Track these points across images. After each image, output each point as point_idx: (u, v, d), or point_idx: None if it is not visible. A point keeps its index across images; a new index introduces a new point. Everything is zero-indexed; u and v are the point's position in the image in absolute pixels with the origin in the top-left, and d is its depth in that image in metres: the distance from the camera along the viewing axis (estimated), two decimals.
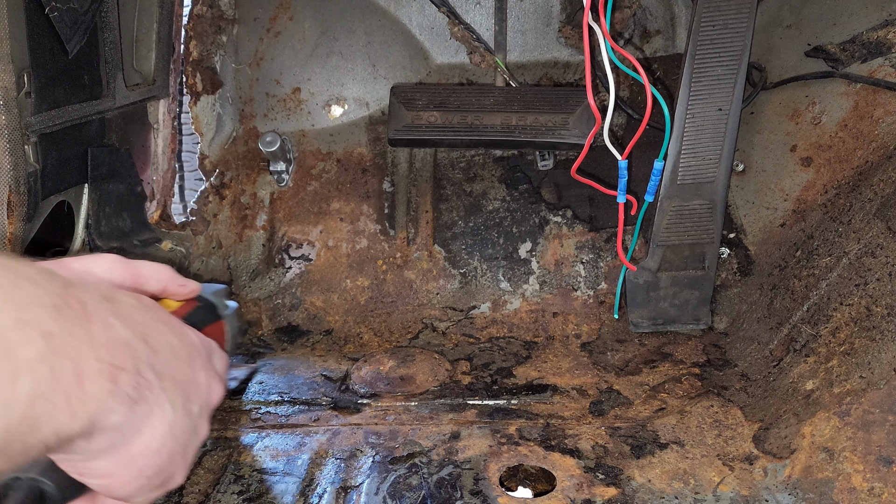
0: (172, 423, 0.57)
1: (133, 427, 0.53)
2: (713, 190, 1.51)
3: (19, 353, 0.42)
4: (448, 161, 1.86)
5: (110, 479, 0.55)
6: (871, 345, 1.16)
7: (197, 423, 0.63)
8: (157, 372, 0.55)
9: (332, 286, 1.79)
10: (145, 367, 0.53)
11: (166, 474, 0.60)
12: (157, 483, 0.60)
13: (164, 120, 1.73)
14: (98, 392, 0.48)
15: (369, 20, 1.81)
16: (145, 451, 0.55)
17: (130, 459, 0.54)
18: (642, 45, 1.81)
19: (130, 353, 0.52)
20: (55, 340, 0.45)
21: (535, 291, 1.76)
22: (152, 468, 0.57)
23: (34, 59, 1.16)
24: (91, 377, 0.47)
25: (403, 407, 1.39)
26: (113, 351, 0.50)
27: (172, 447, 0.58)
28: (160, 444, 0.56)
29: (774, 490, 1.10)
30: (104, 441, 0.51)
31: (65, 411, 0.45)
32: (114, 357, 0.49)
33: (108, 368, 0.49)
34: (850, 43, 1.52)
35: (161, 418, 0.56)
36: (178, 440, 0.59)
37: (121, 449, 0.53)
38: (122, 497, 0.58)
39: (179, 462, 0.61)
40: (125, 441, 0.53)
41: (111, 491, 0.57)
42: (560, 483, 1.14)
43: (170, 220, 1.77)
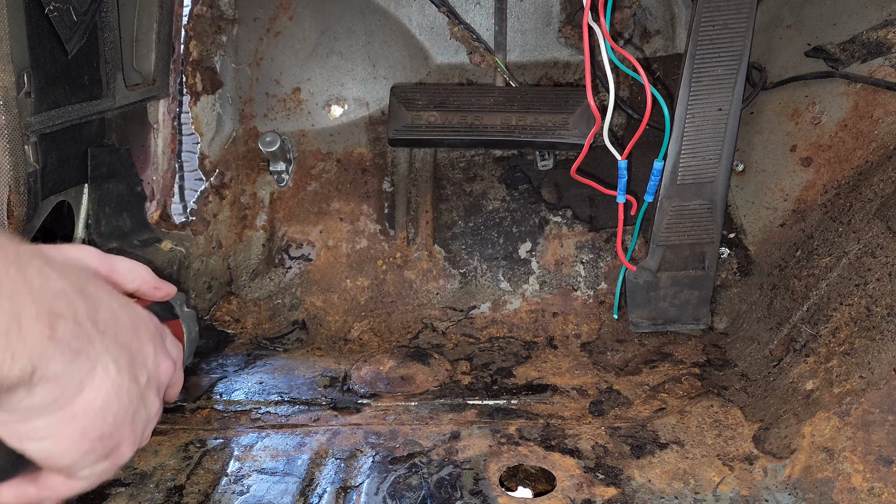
0: (118, 385, 0.55)
1: (74, 381, 0.51)
2: (713, 190, 1.51)
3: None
4: (448, 161, 1.86)
5: (52, 442, 0.53)
6: (871, 345, 1.16)
7: (145, 393, 0.61)
8: (99, 328, 0.54)
9: (332, 286, 1.79)
10: (85, 320, 0.52)
11: (111, 442, 0.57)
12: (102, 450, 0.57)
13: (164, 120, 1.73)
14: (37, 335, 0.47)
15: (369, 20, 1.81)
16: (88, 409, 0.53)
17: (72, 418, 0.52)
18: (642, 45, 1.81)
19: (68, 302, 0.50)
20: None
21: (535, 291, 1.76)
22: (96, 430, 0.55)
23: (34, 59, 1.16)
24: (29, 319, 0.46)
25: (403, 407, 1.39)
26: (50, 298, 0.48)
27: (117, 411, 0.56)
28: (104, 405, 0.54)
29: (774, 490, 1.10)
30: (45, 394, 0.49)
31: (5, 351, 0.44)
32: (51, 304, 0.48)
33: (45, 314, 0.47)
34: (850, 43, 1.52)
35: (104, 377, 0.54)
36: (123, 405, 0.57)
37: (62, 406, 0.51)
38: (65, 465, 0.56)
39: (126, 431, 0.59)
40: (67, 397, 0.51)
41: (53, 457, 0.54)
42: (560, 483, 1.14)
43: (170, 220, 1.77)
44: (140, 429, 0.61)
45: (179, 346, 0.73)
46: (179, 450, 1.24)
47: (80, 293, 0.52)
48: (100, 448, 0.56)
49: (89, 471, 0.58)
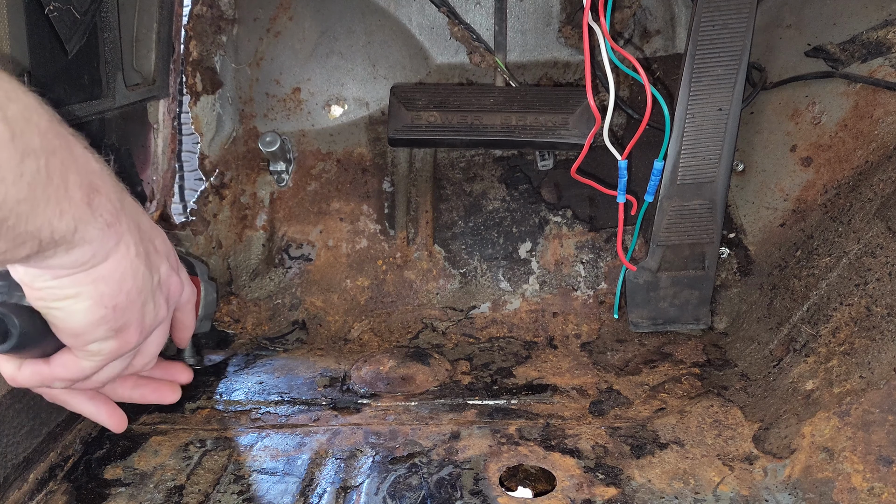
0: (135, 265, 0.62)
1: (102, 249, 0.58)
2: (713, 190, 1.51)
3: (26, 139, 0.47)
4: (448, 161, 1.86)
5: (74, 300, 0.59)
6: (871, 345, 1.16)
7: (156, 291, 0.67)
8: (126, 211, 0.61)
9: (332, 286, 1.79)
10: (115, 200, 0.59)
11: (122, 318, 0.63)
12: (113, 323, 0.63)
13: (164, 120, 1.73)
14: (80, 200, 0.53)
15: (369, 20, 1.81)
16: (109, 276, 0.60)
17: (95, 280, 0.59)
18: (642, 45, 1.81)
19: (104, 181, 0.57)
20: (49, 142, 0.50)
21: (535, 291, 1.76)
22: (111, 299, 0.61)
23: (34, 59, 1.16)
24: (74, 185, 0.52)
25: (403, 407, 1.39)
26: (90, 173, 0.55)
27: (131, 288, 0.63)
28: (122, 277, 0.61)
29: (774, 490, 1.10)
30: (78, 255, 0.56)
31: (56, 206, 0.51)
32: (91, 178, 0.55)
33: (86, 184, 0.54)
34: (850, 43, 1.51)
35: (125, 253, 0.61)
36: (137, 286, 0.63)
37: (89, 269, 0.58)
38: (79, 328, 0.62)
39: (135, 314, 0.65)
40: (94, 262, 0.58)
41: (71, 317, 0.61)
42: (560, 483, 1.14)
43: (169, 220, 1.77)
44: (148, 321, 0.67)
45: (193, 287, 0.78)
46: (179, 450, 1.24)
47: (111, 178, 0.60)
48: (111, 319, 0.62)
49: (98, 346, 0.64)
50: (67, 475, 1.19)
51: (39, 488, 1.14)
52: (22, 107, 0.48)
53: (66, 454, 1.22)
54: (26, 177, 0.47)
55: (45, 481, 1.15)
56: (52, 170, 0.50)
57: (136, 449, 1.24)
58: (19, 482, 1.10)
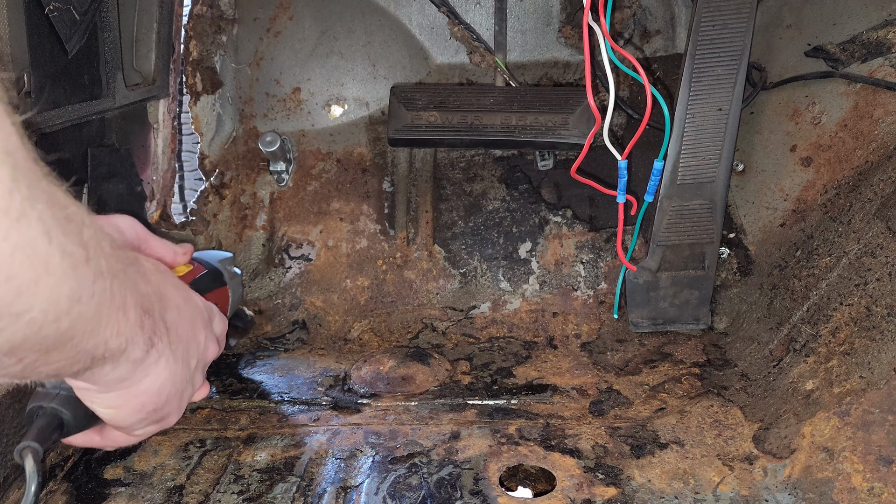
0: (173, 372, 0.69)
1: (143, 367, 0.64)
2: (713, 190, 1.51)
3: (96, 260, 0.50)
4: (448, 161, 1.86)
5: (117, 411, 0.68)
6: (871, 345, 1.16)
7: (193, 375, 0.76)
8: (168, 325, 0.67)
9: (332, 286, 1.79)
10: (159, 319, 0.65)
11: (163, 413, 0.72)
12: (154, 419, 0.72)
13: (164, 120, 1.73)
14: (133, 321, 0.58)
15: (369, 20, 1.81)
16: (148, 390, 0.67)
17: (135, 395, 0.66)
18: (642, 45, 1.81)
19: (152, 303, 0.63)
20: (113, 265, 0.54)
21: (535, 291, 1.76)
22: (152, 405, 0.69)
23: (34, 59, 1.16)
24: (131, 307, 0.57)
25: (403, 407, 1.39)
26: (142, 297, 0.60)
27: (170, 391, 0.70)
28: (161, 388, 0.68)
29: (774, 490, 1.10)
30: (122, 372, 0.61)
31: (114, 327, 0.55)
32: (143, 302, 0.60)
33: (139, 307, 0.59)
34: (850, 43, 1.51)
35: (165, 366, 0.67)
36: (175, 387, 0.71)
37: (130, 386, 0.65)
38: (124, 426, 0.71)
39: (175, 405, 0.74)
40: (136, 378, 0.64)
41: (116, 420, 0.69)
42: (560, 483, 1.14)
43: (170, 220, 1.77)
44: (186, 400, 0.77)
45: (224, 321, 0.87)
46: (179, 450, 1.24)
47: (158, 295, 0.66)
48: (152, 417, 0.72)
49: (142, 431, 0.74)
50: (67, 475, 1.19)
51: (40, 488, 1.14)
52: (94, 231, 0.51)
53: (66, 454, 1.22)
54: (96, 297, 0.51)
55: (45, 481, 1.15)
56: (115, 291, 0.54)
57: (135, 449, 1.24)
58: (19, 482, 1.10)
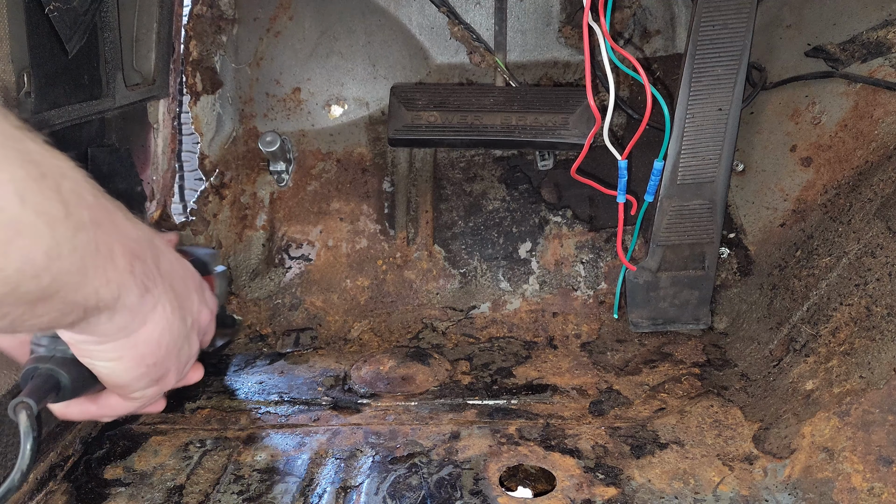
0: (170, 321, 0.67)
1: (141, 314, 0.62)
2: (713, 190, 1.51)
3: (77, 213, 0.50)
4: (448, 161, 1.86)
5: (116, 363, 0.64)
6: (871, 345, 1.16)
7: (189, 333, 0.72)
8: (161, 273, 0.65)
9: (332, 286, 1.79)
10: (152, 264, 0.63)
11: (161, 369, 0.69)
12: (154, 375, 0.68)
13: (164, 120, 1.73)
14: (123, 269, 0.57)
15: (369, 20, 1.81)
16: (148, 339, 0.64)
17: (135, 345, 0.64)
18: (642, 45, 1.81)
19: (142, 248, 0.61)
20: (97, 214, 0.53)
21: (534, 291, 1.76)
22: (152, 357, 0.66)
23: (34, 59, 1.16)
24: (119, 254, 0.56)
25: (403, 407, 1.39)
26: (131, 241, 0.59)
27: (169, 343, 0.67)
28: (160, 336, 0.66)
29: (774, 490, 1.10)
30: (120, 321, 0.59)
31: (102, 276, 0.54)
32: (132, 247, 0.59)
33: (128, 253, 0.57)
34: (850, 43, 1.51)
35: (162, 314, 0.65)
36: (173, 339, 0.68)
37: (129, 334, 0.62)
38: (123, 383, 0.67)
39: (173, 361, 0.70)
40: (134, 326, 0.62)
41: (115, 375, 0.66)
42: (560, 483, 1.14)
43: (170, 220, 1.77)
44: (183, 361, 0.73)
45: (215, 299, 0.84)
46: (179, 450, 1.24)
47: (149, 242, 0.64)
48: (152, 373, 0.68)
49: (141, 392, 0.70)
50: (67, 475, 1.19)
51: (39, 488, 1.14)
52: (73, 183, 0.51)
53: (66, 454, 1.22)
54: (79, 250, 0.50)
55: (45, 481, 1.15)
56: (100, 241, 0.53)
57: (136, 449, 1.24)
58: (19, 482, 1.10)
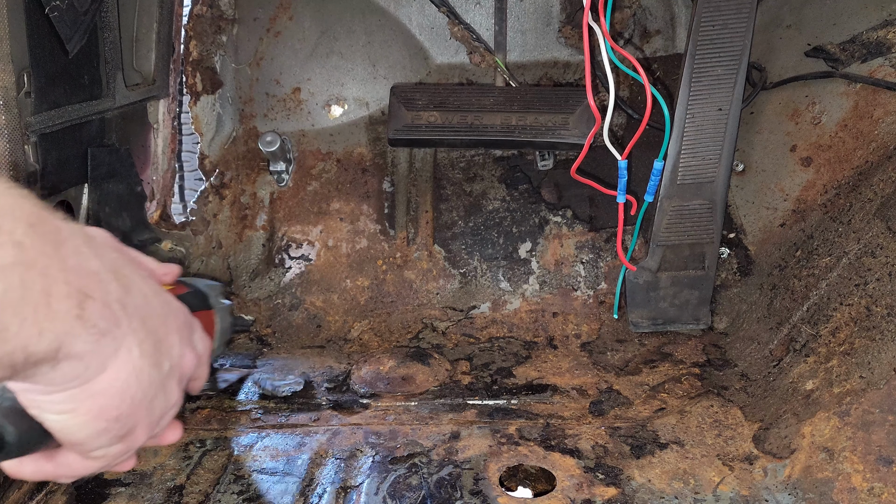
0: (139, 368, 0.56)
1: (98, 361, 0.52)
2: (713, 190, 1.51)
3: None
4: (448, 161, 1.86)
5: (70, 416, 0.54)
6: (871, 345, 1.16)
7: (166, 381, 0.61)
8: (127, 311, 0.54)
9: (332, 286, 1.79)
10: (114, 302, 0.53)
11: (128, 424, 0.58)
12: (118, 432, 0.58)
13: (164, 120, 1.73)
14: (65, 314, 0.47)
15: (369, 20, 1.81)
16: (108, 389, 0.54)
17: (91, 395, 0.53)
18: (642, 45, 1.81)
19: (100, 284, 0.51)
20: (26, 253, 0.44)
21: (535, 291, 1.76)
22: (114, 410, 0.56)
23: (34, 59, 1.16)
24: (59, 297, 0.47)
25: (403, 407, 1.39)
26: (82, 278, 0.49)
27: (136, 393, 0.57)
28: (123, 386, 0.55)
29: (774, 490, 1.10)
30: (68, 370, 0.50)
31: (32, 327, 0.45)
32: (82, 284, 0.49)
33: (75, 293, 0.48)
34: (850, 43, 1.51)
35: (126, 358, 0.55)
36: (143, 388, 0.57)
37: (83, 383, 0.52)
38: (80, 440, 0.56)
39: (143, 415, 0.59)
40: (89, 375, 0.52)
41: (68, 431, 0.55)
42: (560, 483, 1.14)
43: (170, 220, 1.77)
44: (157, 415, 0.62)
45: (207, 340, 0.73)
46: (179, 450, 1.24)
47: (113, 275, 0.54)
48: (115, 428, 0.57)
49: (103, 451, 0.58)
50: None
51: (39, 488, 1.14)
52: None
53: None
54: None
55: (45, 481, 1.15)
56: (29, 286, 0.45)
57: None
58: (19, 482, 1.10)
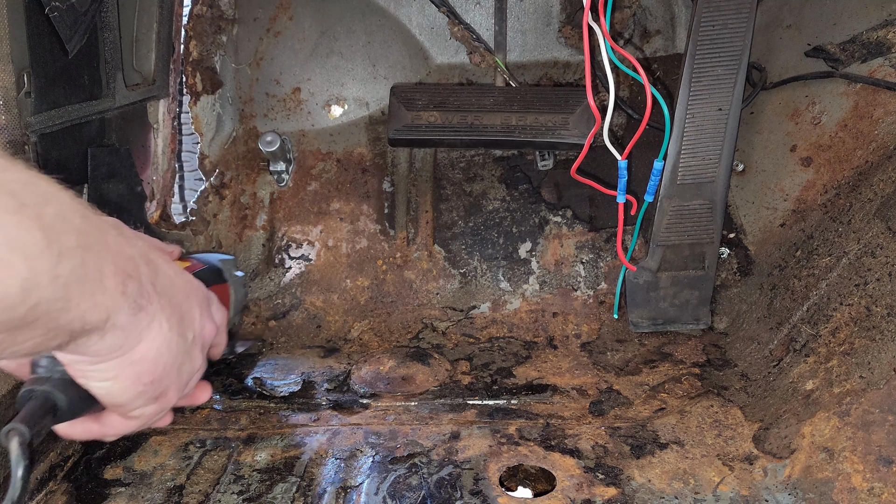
0: (168, 338, 0.65)
1: (135, 333, 0.61)
2: (713, 190, 1.51)
3: (62, 240, 0.50)
4: (448, 161, 1.86)
5: (113, 382, 0.63)
6: (871, 345, 1.16)
7: (190, 349, 0.71)
8: (157, 290, 0.63)
9: (332, 286, 1.79)
10: (147, 283, 0.62)
11: (161, 387, 0.67)
12: (153, 393, 0.67)
13: (164, 120, 1.73)
14: (113, 290, 0.56)
15: (369, 20, 1.81)
16: (144, 357, 0.63)
17: (131, 363, 0.62)
18: (642, 45, 1.81)
19: (136, 266, 0.60)
20: (85, 238, 0.53)
21: (535, 291, 1.76)
22: (149, 375, 0.65)
23: (34, 59, 1.16)
24: (109, 276, 0.55)
25: (403, 407, 1.39)
26: (123, 260, 0.58)
27: (167, 360, 0.66)
28: (157, 354, 0.64)
29: (774, 490, 1.10)
30: (112, 341, 0.59)
31: (90, 300, 0.53)
32: (125, 265, 0.58)
33: (120, 273, 0.57)
34: (850, 43, 1.51)
35: (158, 331, 0.64)
36: (172, 356, 0.67)
37: (124, 353, 0.61)
38: (121, 402, 0.65)
39: (173, 379, 0.69)
40: (128, 345, 0.61)
41: (112, 395, 0.64)
42: (560, 483, 1.14)
43: (170, 220, 1.77)
44: (185, 378, 0.72)
45: (224, 311, 0.82)
46: (179, 450, 1.24)
47: (144, 259, 0.63)
48: (150, 391, 0.66)
49: (140, 411, 0.68)
50: (67, 475, 1.19)
51: (39, 488, 1.14)
52: (58, 208, 0.51)
53: (66, 454, 1.22)
54: (62, 278, 0.50)
55: (46, 481, 1.15)
56: (88, 265, 0.53)
57: (135, 449, 1.24)
58: None
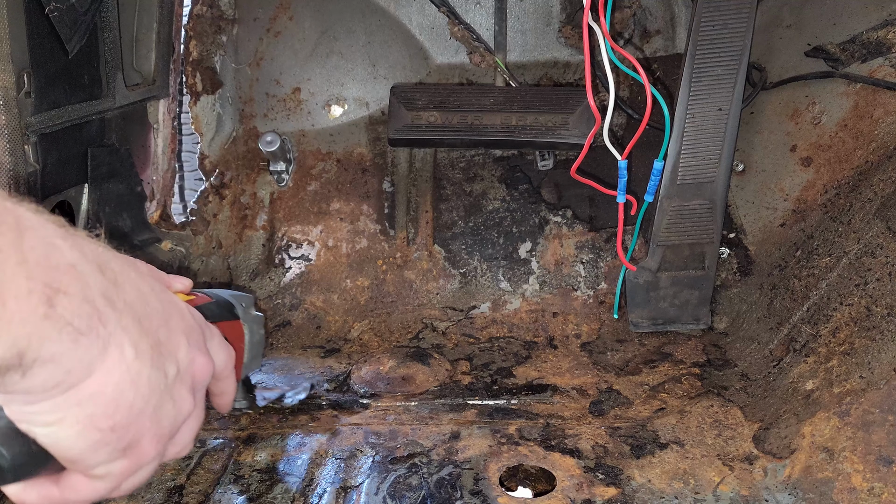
0: (134, 370, 0.50)
1: (81, 364, 0.46)
2: (713, 190, 1.51)
3: None
4: (448, 161, 1.86)
5: (58, 427, 0.48)
6: (871, 345, 1.16)
7: (173, 387, 0.55)
8: (116, 307, 0.49)
9: (332, 286, 1.79)
10: (98, 297, 0.47)
11: (128, 435, 0.51)
12: (117, 444, 0.51)
13: (164, 120, 1.73)
14: (26, 314, 0.42)
15: (369, 20, 1.81)
16: (97, 394, 0.48)
17: (79, 403, 0.48)
18: (642, 45, 1.81)
19: (77, 278, 0.46)
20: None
21: (535, 291, 1.76)
22: (106, 420, 0.49)
23: (34, 59, 1.16)
24: (17, 296, 0.42)
25: (403, 407, 1.39)
26: (51, 272, 0.44)
27: (133, 399, 0.50)
28: (117, 391, 0.49)
29: (774, 490, 1.10)
30: (45, 376, 0.45)
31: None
32: (52, 279, 0.44)
33: (41, 289, 0.43)
34: (850, 43, 1.51)
35: (118, 360, 0.49)
36: (141, 395, 0.51)
37: (66, 390, 0.47)
38: (75, 456, 0.50)
39: (146, 425, 0.52)
40: (72, 380, 0.47)
41: (61, 444, 0.49)
42: (560, 483, 1.14)
43: (170, 220, 1.77)
44: (166, 425, 0.55)
45: (230, 350, 0.67)
46: None
47: (97, 269, 0.48)
48: (113, 440, 0.51)
49: (105, 468, 0.52)
50: None
51: None
52: None
53: None
54: None
55: None
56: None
57: None
58: None
